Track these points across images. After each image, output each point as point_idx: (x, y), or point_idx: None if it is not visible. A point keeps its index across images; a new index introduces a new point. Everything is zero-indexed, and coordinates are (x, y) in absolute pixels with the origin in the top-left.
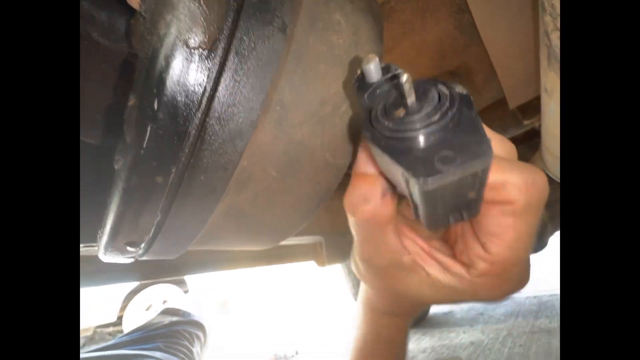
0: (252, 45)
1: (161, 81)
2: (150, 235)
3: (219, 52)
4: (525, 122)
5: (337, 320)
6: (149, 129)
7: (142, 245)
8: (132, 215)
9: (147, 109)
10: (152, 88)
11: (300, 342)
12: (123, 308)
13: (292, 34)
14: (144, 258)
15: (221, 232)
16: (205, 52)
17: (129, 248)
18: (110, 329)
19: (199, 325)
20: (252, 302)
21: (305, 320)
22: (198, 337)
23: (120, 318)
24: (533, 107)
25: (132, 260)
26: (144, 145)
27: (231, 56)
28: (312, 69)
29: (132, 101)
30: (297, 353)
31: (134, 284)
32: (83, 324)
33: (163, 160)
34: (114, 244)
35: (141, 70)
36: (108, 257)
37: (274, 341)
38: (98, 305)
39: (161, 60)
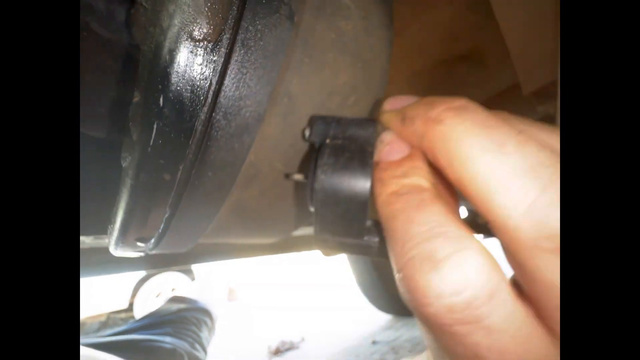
0: (259, 35)
1: (166, 76)
2: (160, 230)
3: (224, 43)
4: (540, 109)
5: (343, 308)
6: (155, 126)
7: (152, 240)
8: (141, 212)
9: (152, 106)
10: (156, 84)
11: (306, 329)
12: (134, 295)
13: (300, 21)
14: (154, 252)
15: (229, 226)
16: (210, 45)
17: (139, 244)
18: (123, 315)
19: (206, 312)
20: (258, 289)
21: (312, 307)
22: (205, 323)
23: (131, 305)
24: (548, 92)
25: (142, 254)
26: (151, 143)
27: (237, 47)
28: (320, 58)
29: (136, 97)
30: (303, 339)
31: (142, 273)
32: (97, 311)
33: (170, 158)
34: (124, 240)
35: (145, 65)
36: (119, 252)
37: (280, 327)
38: (110, 293)
39: (165, 55)
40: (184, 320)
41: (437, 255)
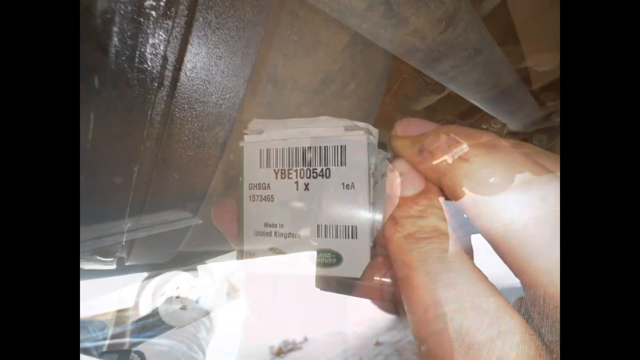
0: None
1: (100, 48)
2: (124, 242)
3: (181, 6)
4: (550, 104)
5: (346, 308)
6: (92, 115)
7: (116, 253)
8: (90, 222)
9: (84, 88)
10: (89, 59)
11: (309, 329)
12: (139, 294)
13: None
14: (129, 264)
15: (213, 234)
16: (162, 4)
17: (100, 258)
18: (129, 314)
19: (205, 312)
20: (261, 288)
21: (315, 307)
22: (203, 323)
23: (137, 303)
24: (558, 87)
25: (113, 267)
26: (89, 137)
27: (199, 14)
28: (312, 36)
29: None
30: (305, 340)
31: (146, 273)
32: (103, 309)
33: (119, 156)
34: (80, 254)
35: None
36: (85, 265)
37: (283, 327)
38: (116, 292)
39: (97, 19)
40: None
41: (474, 338)
